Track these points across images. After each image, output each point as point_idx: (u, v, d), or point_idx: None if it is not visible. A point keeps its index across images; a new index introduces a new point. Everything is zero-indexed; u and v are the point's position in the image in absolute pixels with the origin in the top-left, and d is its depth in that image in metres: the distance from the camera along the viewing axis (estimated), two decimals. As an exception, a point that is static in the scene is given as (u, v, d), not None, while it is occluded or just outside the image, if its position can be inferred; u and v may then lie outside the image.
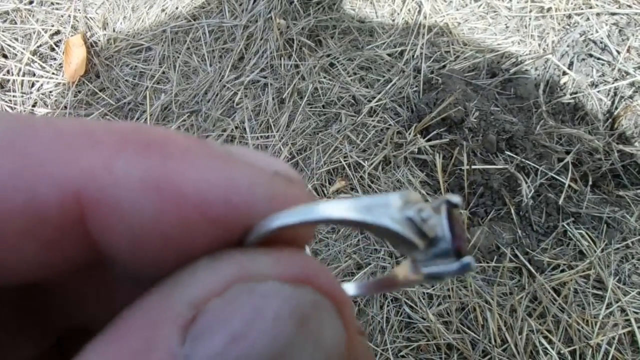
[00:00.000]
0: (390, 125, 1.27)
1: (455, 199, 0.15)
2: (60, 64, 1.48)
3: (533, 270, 1.09)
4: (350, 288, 0.19)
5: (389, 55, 1.39)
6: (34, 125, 0.12)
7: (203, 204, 0.13)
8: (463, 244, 0.14)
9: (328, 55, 1.40)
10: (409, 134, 1.24)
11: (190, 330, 0.11)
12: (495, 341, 1.03)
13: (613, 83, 1.30)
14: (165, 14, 1.51)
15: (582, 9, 1.40)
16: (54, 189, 0.12)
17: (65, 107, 1.41)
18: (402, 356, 1.02)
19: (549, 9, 1.42)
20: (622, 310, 1.06)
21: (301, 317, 0.12)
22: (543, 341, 1.03)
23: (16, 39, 1.50)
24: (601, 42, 1.34)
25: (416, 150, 1.22)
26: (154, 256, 0.13)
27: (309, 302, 0.13)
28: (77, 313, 0.17)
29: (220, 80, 1.38)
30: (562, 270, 1.10)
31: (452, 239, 0.14)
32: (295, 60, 1.38)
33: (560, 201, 1.16)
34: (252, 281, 0.13)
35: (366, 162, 1.22)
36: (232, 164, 0.13)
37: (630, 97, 1.29)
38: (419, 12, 1.45)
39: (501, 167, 1.17)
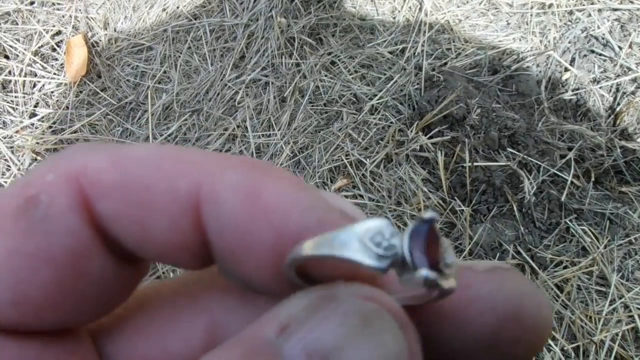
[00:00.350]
0: (391, 123, 1.27)
1: (427, 214, 0.15)
2: (61, 64, 1.49)
3: (536, 267, 1.09)
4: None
5: (390, 52, 1.39)
6: (186, 149, 0.19)
7: (271, 214, 0.17)
8: (421, 256, 0.15)
9: (329, 54, 1.39)
10: (411, 131, 1.24)
11: (284, 330, 0.15)
12: (498, 338, 1.03)
13: (615, 79, 1.30)
14: (166, 13, 1.51)
15: (583, 5, 1.39)
16: (186, 180, 0.17)
17: (67, 107, 1.41)
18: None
19: (550, 5, 1.41)
20: (626, 307, 1.06)
21: (367, 319, 0.15)
22: (546, 338, 1.02)
23: (18, 40, 1.51)
24: (603, 38, 1.34)
25: (418, 147, 1.22)
26: (236, 249, 0.17)
27: (375, 311, 0.16)
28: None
29: (221, 80, 1.38)
30: (565, 267, 1.10)
31: (409, 254, 0.15)
32: (297, 59, 1.38)
33: (563, 198, 1.16)
34: (331, 298, 0.16)
35: (368, 160, 1.22)
36: (307, 195, 0.17)
37: (633, 93, 1.29)
38: (420, 9, 1.45)
39: (503, 164, 1.16)
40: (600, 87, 1.30)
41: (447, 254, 0.15)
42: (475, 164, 1.17)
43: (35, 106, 1.43)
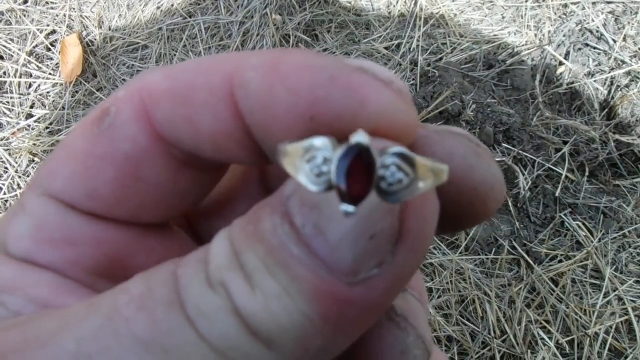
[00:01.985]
0: (387, 119, 1.27)
1: (354, 138, 0.14)
2: (56, 64, 1.48)
3: (531, 262, 1.10)
4: None
5: (385, 48, 1.39)
6: (222, 54, 0.21)
7: (286, 78, 0.18)
8: (346, 189, 0.14)
9: (325, 50, 1.39)
10: (407, 128, 1.24)
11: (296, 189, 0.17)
12: (494, 332, 1.05)
13: (609, 72, 1.31)
14: (161, 11, 1.51)
15: (578, -3, 1.39)
16: (219, 74, 0.19)
17: (63, 108, 1.41)
18: (403, 349, 1.04)
19: (544, -1, 1.41)
20: (619, 299, 1.08)
21: None
22: (541, 332, 1.04)
23: (12, 40, 1.50)
24: (597, 31, 1.34)
25: (414, 144, 1.23)
26: (264, 121, 0.19)
27: None
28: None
29: (217, 78, 1.38)
30: (560, 261, 1.11)
31: (337, 182, 0.14)
32: (292, 56, 1.38)
33: (557, 192, 1.17)
34: None
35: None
36: (321, 58, 0.18)
37: (627, 86, 1.29)
38: (415, 3, 1.44)
39: (498, 159, 1.17)
40: (594, 81, 1.30)
41: (389, 171, 0.15)
42: (470, 160, 1.17)
43: (31, 107, 1.43)
